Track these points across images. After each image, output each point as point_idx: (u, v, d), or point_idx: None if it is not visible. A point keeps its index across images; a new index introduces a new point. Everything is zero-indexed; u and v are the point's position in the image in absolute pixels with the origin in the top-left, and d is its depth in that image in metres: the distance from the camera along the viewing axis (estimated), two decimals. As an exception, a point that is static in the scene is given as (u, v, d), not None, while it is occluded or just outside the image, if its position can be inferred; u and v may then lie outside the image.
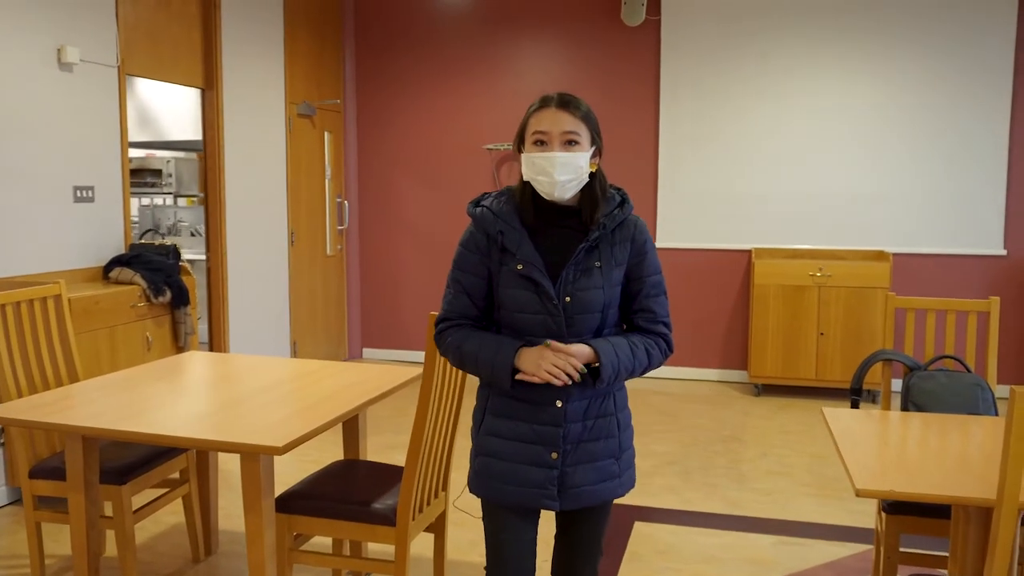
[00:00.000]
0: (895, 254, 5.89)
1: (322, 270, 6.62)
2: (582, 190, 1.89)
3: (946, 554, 2.61)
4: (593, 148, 1.89)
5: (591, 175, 1.89)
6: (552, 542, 2.17)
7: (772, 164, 6.10)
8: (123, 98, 4.45)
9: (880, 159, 5.91)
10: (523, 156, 1.88)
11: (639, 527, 3.60)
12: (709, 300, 6.31)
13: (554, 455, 1.88)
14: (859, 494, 2.00)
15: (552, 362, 1.78)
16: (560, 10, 6.41)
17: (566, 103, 1.85)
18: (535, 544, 2.02)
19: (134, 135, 7.57)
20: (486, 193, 1.99)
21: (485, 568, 2.03)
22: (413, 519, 2.55)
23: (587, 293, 1.85)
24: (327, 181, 6.66)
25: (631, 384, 6.14)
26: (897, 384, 4.72)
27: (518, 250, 1.85)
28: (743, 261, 6.22)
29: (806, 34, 5.95)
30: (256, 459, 2.38)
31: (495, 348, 1.85)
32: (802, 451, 4.65)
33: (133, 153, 7.73)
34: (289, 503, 2.60)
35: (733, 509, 3.81)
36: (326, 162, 6.63)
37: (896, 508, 2.62)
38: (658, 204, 6.33)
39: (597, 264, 1.87)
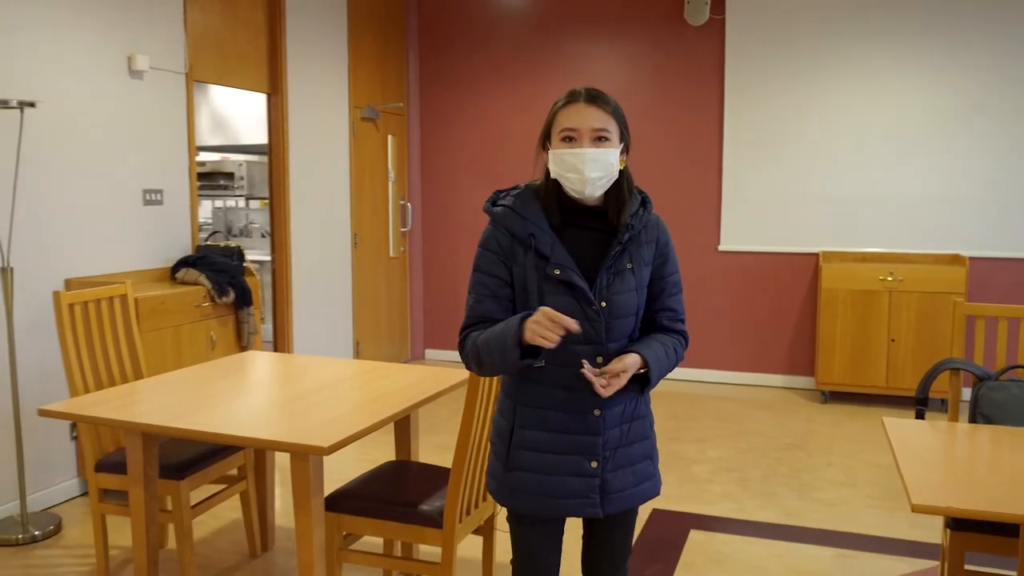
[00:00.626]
0: (971, 258, 5.65)
1: (385, 271, 6.70)
2: (608, 189, 1.84)
3: (1014, 573, 2.49)
4: (622, 144, 1.84)
5: (619, 172, 1.84)
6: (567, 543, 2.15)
7: (841, 165, 5.93)
8: (191, 104, 4.58)
9: (956, 159, 5.69)
10: (551, 153, 1.83)
11: (694, 535, 3.54)
12: (774, 304, 6.17)
13: (594, 464, 1.85)
14: (915, 509, 1.92)
15: (542, 331, 1.67)
16: (622, 10, 6.36)
17: (595, 98, 1.79)
18: (561, 547, 2.01)
19: (209, 139, 7.81)
20: (500, 190, 1.93)
21: (512, 572, 2.02)
22: (460, 521, 2.55)
23: (622, 296, 1.82)
24: (390, 184, 6.74)
25: (687, 388, 6.06)
26: (969, 394, 4.52)
27: (551, 253, 1.80)
28: (810, 264, 6.06)
29: (877, 32, 5.76)
30: (305, 459, 2.42)
31: (502, 327, 1.76)
32: (869, 461, 4.50)
33: (208, 156, 7.99)
34: (338, 503, 2.63)
35: (791, 519, 3.71)
36: (389, 165, 6.71)
37: (961, 524, 2.51)
38: (722, 206, 6.22)
39: (629, 266, 1.83)
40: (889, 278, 5.49)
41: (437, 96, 6.96)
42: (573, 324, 1.65)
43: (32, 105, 3.52)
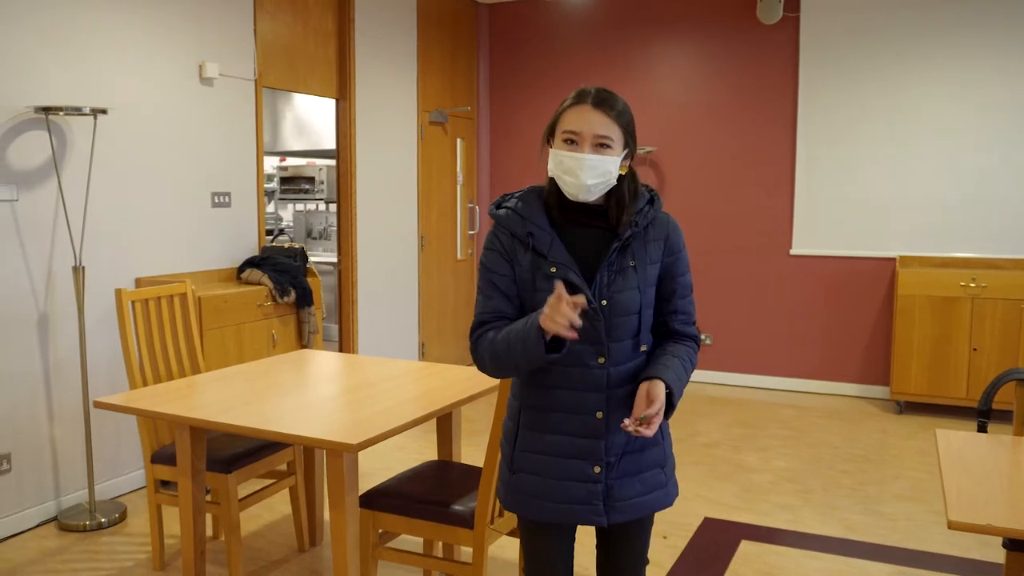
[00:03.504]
0: (1063, 264, 5.34)
1: (452, 274, 6.76)
2: (608, 191, 1.81)
3: (1076, 599, 2.33)
4: (625, 151, 1.80)
5: (620, 177, 1.80)
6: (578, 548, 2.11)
7: (919, 166, 5.68)
8: (259, 109, 4.72)
9: (1047, 159, 5.38)
10: (551, 152, 1.81)
11: (745, 546, 3.44)
12: (848, 310, 5.95)
13: (596, 469, 1.81)
14: (951, 526, 1.82)
15: (552, 313, 1.60)
16: (693, 9, 6.25)
17: (601, 101, 1.76)
18: (573, 555, 1.98)
19: (292, 144, 8.04)
20: (507, 194, 1.93)
21: None
22: (492, 523, 2.55)
23: (623, 295, 1.78)
24: (458, 187, 6.79)
25: (755, 395, 5.89)
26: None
27: (549, 252, 1.79)
28: (887, 270, 5.82)
29: (960, 27, 5.50)
30: (340, 455, 2.46)
31: (522, 323, 1.72)
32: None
33: (292, 161, 8.24)
34: (374, 500, 2.66)
35: (851, 533, 3.57)
36: (457, 168, 6.77)
37: (1019, 545, 2.37)
38: (794, 209, 6.04)
39: (631, 264, 1.80)
40: (972, 284, 5.23)
41: (506, 100, 6.99)
42: (580, 298, 1.60)
43: (104, 112, 3.69)
